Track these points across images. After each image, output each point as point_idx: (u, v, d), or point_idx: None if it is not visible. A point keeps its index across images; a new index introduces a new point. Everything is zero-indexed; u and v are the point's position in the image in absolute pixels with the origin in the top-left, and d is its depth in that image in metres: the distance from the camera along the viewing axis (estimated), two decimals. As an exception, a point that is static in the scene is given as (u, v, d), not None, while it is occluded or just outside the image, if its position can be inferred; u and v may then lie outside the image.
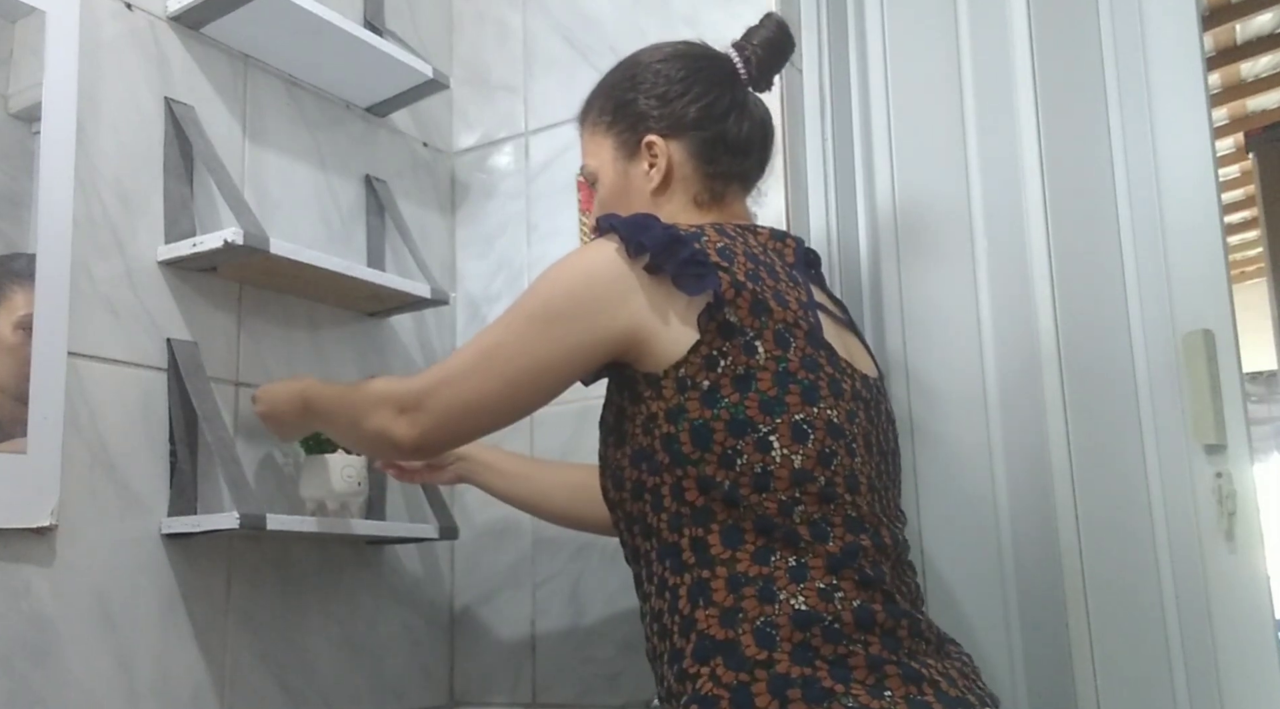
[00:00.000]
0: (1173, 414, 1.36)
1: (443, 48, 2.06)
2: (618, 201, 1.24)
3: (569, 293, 1.11)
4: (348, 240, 1.81)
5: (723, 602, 1.00)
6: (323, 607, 1.66)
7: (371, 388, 1.23)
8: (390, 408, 1.16)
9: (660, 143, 1.21)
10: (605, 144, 1.26)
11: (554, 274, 1.13)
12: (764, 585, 0.99)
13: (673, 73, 1.22)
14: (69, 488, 1.34)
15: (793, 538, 1.02)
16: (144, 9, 1.54)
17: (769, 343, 1.07)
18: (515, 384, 1.12)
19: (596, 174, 1.27)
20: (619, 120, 1.24)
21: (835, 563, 1.01)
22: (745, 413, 1.04)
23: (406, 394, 1.16)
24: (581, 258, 1.14)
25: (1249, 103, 4.24)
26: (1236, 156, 4.48)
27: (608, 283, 1.09)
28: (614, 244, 1.10)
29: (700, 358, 1.05)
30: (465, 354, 1.16)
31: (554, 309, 1.11)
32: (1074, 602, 1.38)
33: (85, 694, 1.33)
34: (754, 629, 0.97)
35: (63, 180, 1.37)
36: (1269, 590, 1.29)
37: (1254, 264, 5.59)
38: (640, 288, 1.08)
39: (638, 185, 1.23)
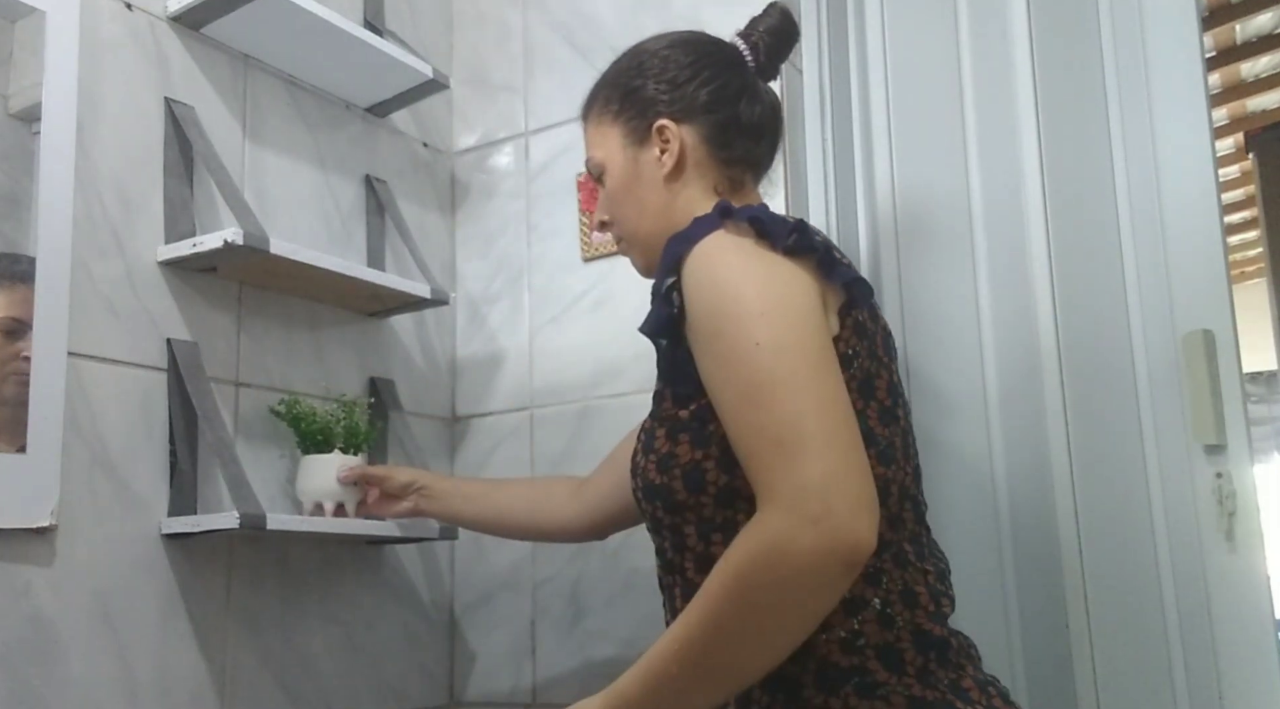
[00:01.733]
0: (1173, 414, 1.36)
1: (443, 48, 2.06)
2: (627, 192, 1.18)
3: (760, 291, 0.96)
4: (348, 240, 1.81)
5: (840, 626, 0.95)
6: (323, 607, 1.66)
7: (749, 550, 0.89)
8: (799, 531, 0.86)
9: (672, 126, 1.15)
10: (612, 133, 1.20)
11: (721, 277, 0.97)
12: (881, 609, 0.96)
13: (681, 57, 1.19)
14: (69, 488, 1.34)
15: (901, 558, 0.99)
16: (144, 9, 1.54)
17: (880, 348, 1.03)
18: (822, 384, 0.92)
19: (604, 165, 1.21)
20: (627, 107, 1.19)
21: (934, 584, 1.01)
22: (868, 423, 0.99)
23: (799, 503, 0.86)
24: (727, 251, 0.99)
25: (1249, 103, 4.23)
26: (1236, 156, 4.48)
27: (772, 261, 0.98)
28: (743, 232, 1.00)
29: (839, 353, 0.97)
30: (760, 410, 0.91)
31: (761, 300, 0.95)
32: (1074, 602, 1.38)
33: (85, 694, 1.33)
34: (878, 655, 0.95)
35: (63, 180, 1.37)
36: (1269, 590, 1.29)
37: (1254, 264, 5.60)
38: (793, 268, 0.98)
39: (649, 173, 1.17)
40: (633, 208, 1.18)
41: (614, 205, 1.20)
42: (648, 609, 1.68)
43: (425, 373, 1.92)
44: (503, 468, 1.87)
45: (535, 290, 1.91)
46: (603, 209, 1.23)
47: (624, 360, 1.78)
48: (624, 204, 1.18)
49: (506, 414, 1.89)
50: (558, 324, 1.86)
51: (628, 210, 1.19)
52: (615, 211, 1.21)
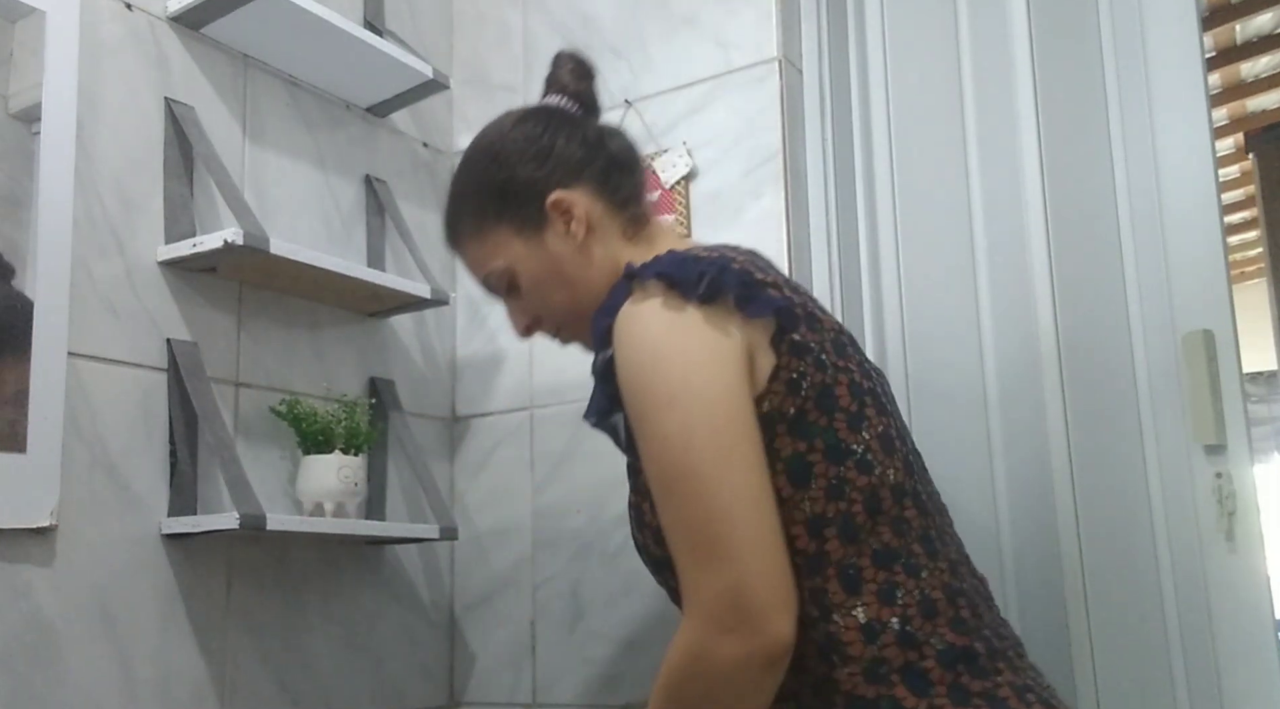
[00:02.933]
0: (1173, 414, 1.36)
1: (443, 48, 2.06)
2: (550, 280, 1.12)
3: (666, 356, 0.95)
4: (348, 240, 1.81)
5: (861, 655, 0.92)
6: (323, 607, 1.66)
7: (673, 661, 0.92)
8: (715, 641, 0.88)
9: (566, 195, 1.11)
10: (503, 237, 1.13)
11: (636, 361, 0.96)
12: (901, 628, 0.92)
13: (530, 131, 1.14)
14: (69, 488, 1.34)
15: (912, 565, 0.96)
16: (144, 9, 1.54)
17: (831, 354, 1.00)
18: (732, 476, 0.91)
19: (510, 271, 1.13)
20: (509, 202, 1.12)
21: (951, 583, 0.97)
22: (837, 436, 0.96)
23: (713, 612, 0.88)
24: (643, 325, 0.98)
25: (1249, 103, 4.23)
26: (1236, 156, 4.48)
27: (689, 321, 0.96)
28: (656, 292, 0.98)
29: (782, 383, 0.96)
30: (676, 509, 0.92)
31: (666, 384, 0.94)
32: (1074, 602, 1.38)
33: (85, 694, 1.33)
34: (904, 679, 0.91)
35: (63, 180, 1.37)
36: (1269, 590, 1.29)
37: (1254, 264, 5.59)
38: (712, 316, 0.96)
39: (562, 252, 1.11)
40: (562, 292, 1.12)
41: (539, 300, 1.14)
42: (648, 609, 1.68)
43: (425, 373, 1.92)
44: (503, 468, 1.87)
45: (535, 290, 1.90)
46: (525, 312, 1.17)
47: (624, 360, 1.78)
48: (551, 293, 1.13)
49: (506, 414, 1.89)
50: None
51: (558, 297, 1.13)
52: (543, 306, 1.15)
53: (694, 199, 1.75)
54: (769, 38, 1.70)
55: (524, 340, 1.20)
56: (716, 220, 1.72)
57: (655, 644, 1.66)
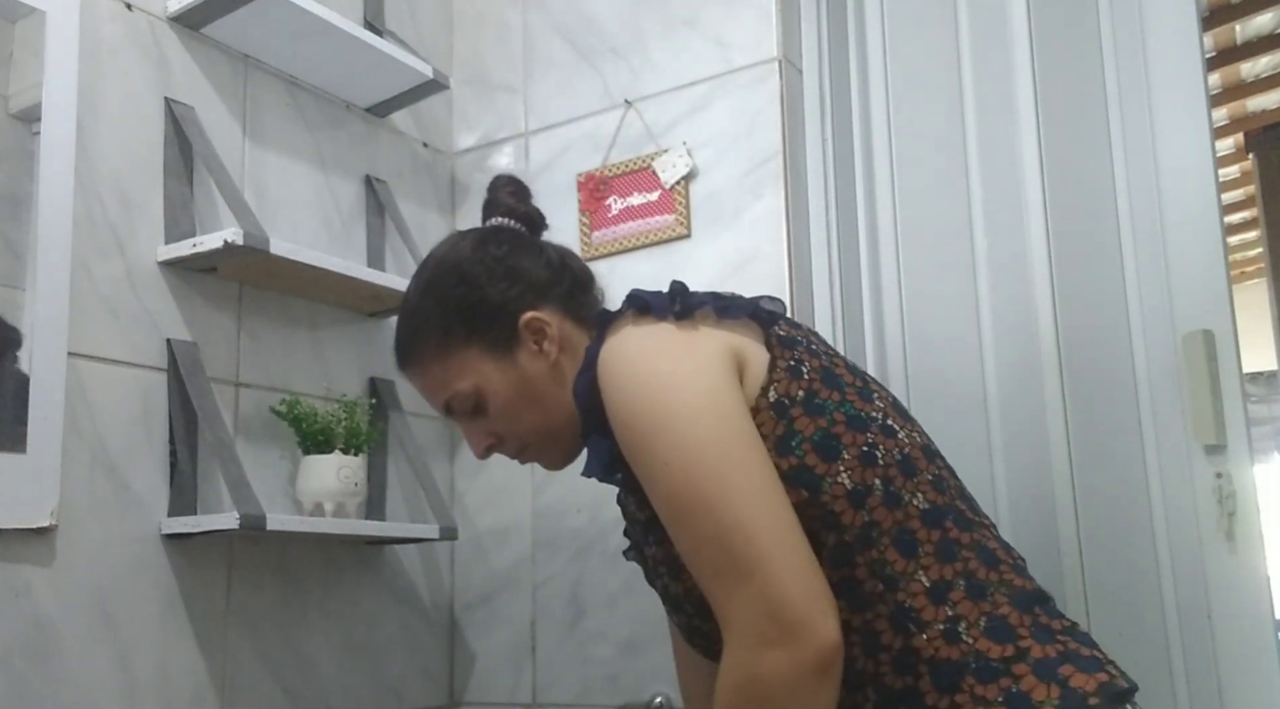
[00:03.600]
0: (1173, 414, 1.36)
1: (443, 48, 2.06)
2: (522, 400, 1.10)
3: (657, 373, 0.95)
4: (348, 240, 1.81)
5: (936, 618, 0.91)
6: (323, 607, 1.66)
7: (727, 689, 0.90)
8: (762, 659, 0.87)
9: (538, 314, 1.10)
10: (471, 357, 1.10)
11: (630, 388, 0.96)
12: (968, 581, 0.92)
13: (494, 252, 1.13)
14: (69, 488, 1.34)
15: (961, 518, 0.96)
16: (144, 9, 1.54)
17: (817, 343, 1.03)
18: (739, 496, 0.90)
19: (479, 392, 1.10)
20: (478, 324, 1.10)
21: (999, 537, 0.99)
22: (854, 407, 0.97)
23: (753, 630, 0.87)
24: (627, 352, 0.98)
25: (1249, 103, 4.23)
26: (1236, 156, 4.48)
27: (674, 339, 0.97)
28: (635, 320, 0.99)
29: (784, 371, 0.97)
30: (692, 538, 0.91)
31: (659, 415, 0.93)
32: (1074, 602, 1.38)
33: (85, 694, 1.33)
34: (985, 631, 0.90)
35: (63, 180, 1.37)
36: (1269, 590, 1.29)
37: (1254, 264, 5.59)
38: (697, 328, 0.98)
39: (535, 371, 1.10)
40: (535, 412, 1.11)
41: (508, 420, 1.11)
42: (648, 609, 1.68)
43: (425, 373, 1.91)
44: (503, 468, 1.87)
45: (535, 290, 1.90)
46: (488, 433, 1.13)
47: (624, 360, 1.78)
48: (523, 413, 1.11)
49: (506, 414, 1.89)
50: (558, 324, 1.86)
51: (529, 417, 1.11)
52: (511, 425, 1.12)
53: (694, 199, 1.75)
54: (769, 38, 1.70)
55: (483, 457, 1.16)
56: (716, 220, 1.72)
57: (655, 644, 1.66)
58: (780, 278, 1.64)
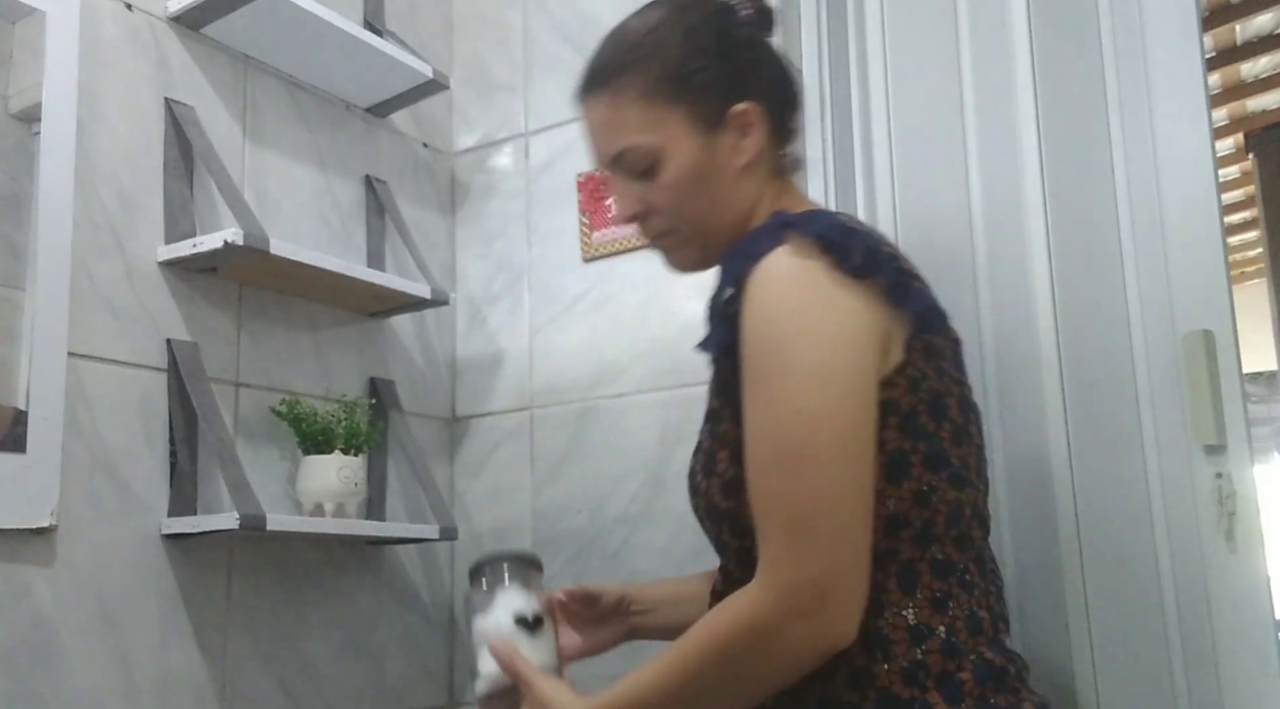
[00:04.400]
0: (1173, 414, 1.36)
1: (443, 48, 2.06)
2: (697, 184, 1.03)
3: (808, 305, 0.91)
4: (348, 241, 1.81)
5: (903, 656, 0.91)
6: (323, 607, 1.66)
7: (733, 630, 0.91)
8: (788, 623, 0.87)
9: (754, 108, 1.03)
10: (671, 118, 1.02)
11: (772, 305, 0.92)
12: (946, 639, 0.92)
13: (737, 34, 1.05)
14: (69, 488, 1.34)
15: (967, 581, 0.96)
16: (144, 9, 1.54)
17: (950, 364, 0.99)
18: (853, 459, 0.89)
19: (660, 156, 1.03)
20: (691, 89, 1.02)
21: (994, 606, 0.98)
22: (941, 445, 0.95)
23: (794, 594, 0.87)
24: (787, 274, 0.93)
25: (1249, 103, 4.23)
26: (1236, 156, 4.48)
27: (835, 287, 0.92)
28: (808, 250, 0.93)
29: (905, 379, 0.94)
30: (786, 483, 0.89)
31: (811, 339, 0.91)
32: (1074, 601, 1.38)
33: (85, 694, 1.33)
34: (939, 686, 0.91)
35: (63, 180, 1.37)
36: (1269, 590, 1.29)
37: (1254, 264, 5.59)
38: (859, 292, 0.93)
39: (723, 162, 1.03)
40: (703, 201, 1.04)
41: (674, 196, 1.04)
42: (648, 609, 1.68)
43: (425, 373, 1.92)
44: (503, 468, 1.87)
45: (535, 290, 1.90)
46: (641, 201, 1.06)
47: (624, 360, 1.78)
48: (691, 196, 1.04)
49: (506, 414, 1.89)
50: (558, 324, 1.86)
51: (696, 204, 1.04)
52: (674, 203, 1.05)
53: (694, 199, 1.74)
54: (769, 38, 1.70)
55: (625, 224, 1.10)
56: (716, 220, 1.72)
57: (655, 644, 1.65)
58: (780, 278, 1.63)
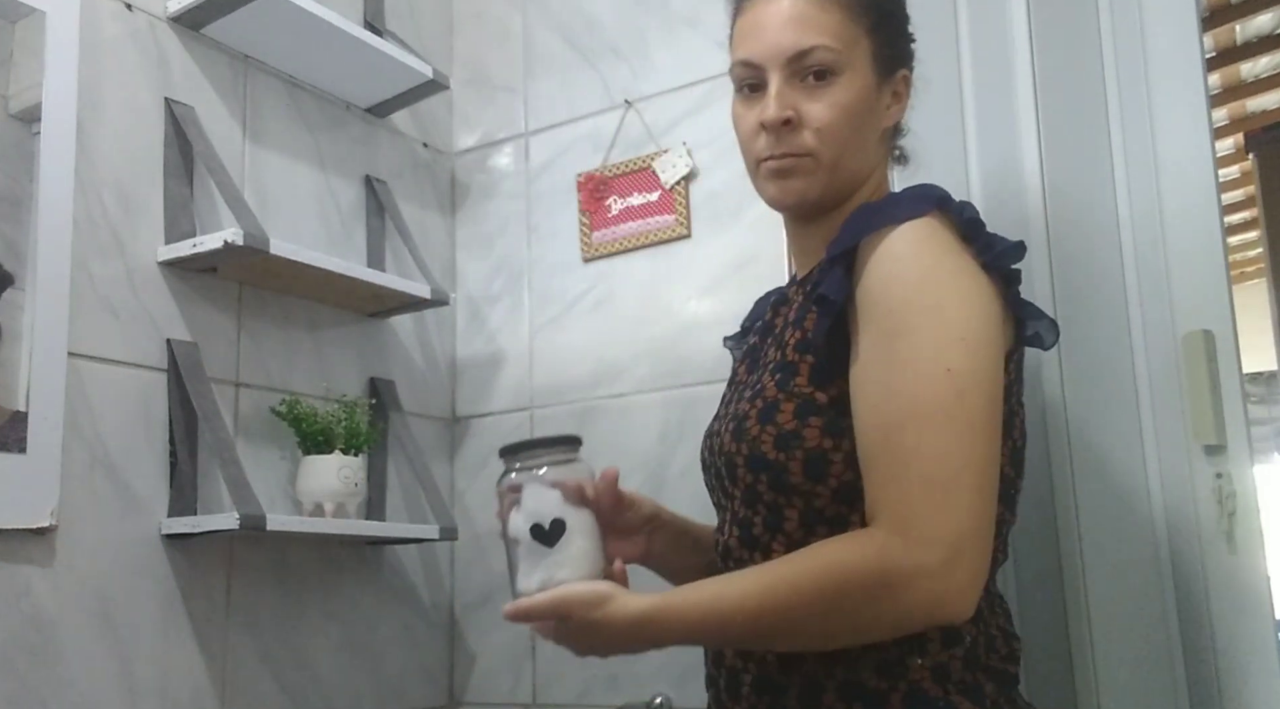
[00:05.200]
0: (1173, 414, 1.36)
1: (443, 48, 2.06)
2: (859, 116, 1.02)
3: (953, 271, 0.92)
4: (348, 241, 1.81)
5: (936, 655, 0.92)
6: (323, 607, 1.66)
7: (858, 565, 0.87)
8: (917, 575, 0.85)
9: (908, 83, 1.08)
10: (863, 42, 1.02)
11: (915, 266, 0.92)
12: (971, 647, 0.94)
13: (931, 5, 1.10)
14: (69, 488, 1.34)
15: (991, 599, 0.99)
16: (144, 10, 1.54)
17: (1020, 386, 1.01)
18: (995, 429, 0.90)
19: (845, 67, 1.01)
20: (886, 26, 1.04)
21: (1006, 626, 1.00)
22: (1002, 463, 0.94)
23: (930, 548, 0.85)
24: (933, 240, 0.94)
25: (1249, 103, 4.23)
26: (1236, 156, 4.48)
27: (973, 269, 0.94)
28: (949, 229, 0.95)
29: None
30: (931, 438, 0.87)
31: (957, 300, 0.91)
32: (1074, 601, 1.38)
33: (85, 694, 1.33)
34: (961, 691, 0.93)
35: (63, 180, 1.37)
36: (1269, 590, 1.29)
37: (1254, 264, 5.59)
38: (986, 285, 0.95)
39: (879, 114, 1.05)
40: (855, 136, 1.03)
41: (837, 117, 1.01)
42: (648, 609, 1.68)
43: (425, 373, 1.92)
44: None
45: (535, 290, 1.90)
46: (794, 106, 1.01)
47: (624, 360, 1.78)
48: (849, 125, 1.02)
49: (506, 414, 1.89)
50: (558, 324, 1.86)
51: (849, 134, 1.02)
52: (833, 125, 1.01)
53: (694, 199, 1.75)
54: (769, 38, 1.70)
55: (772, 125, 1.02)
56: (716, 220, 1.72)
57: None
58: (780, 279, 1.63)
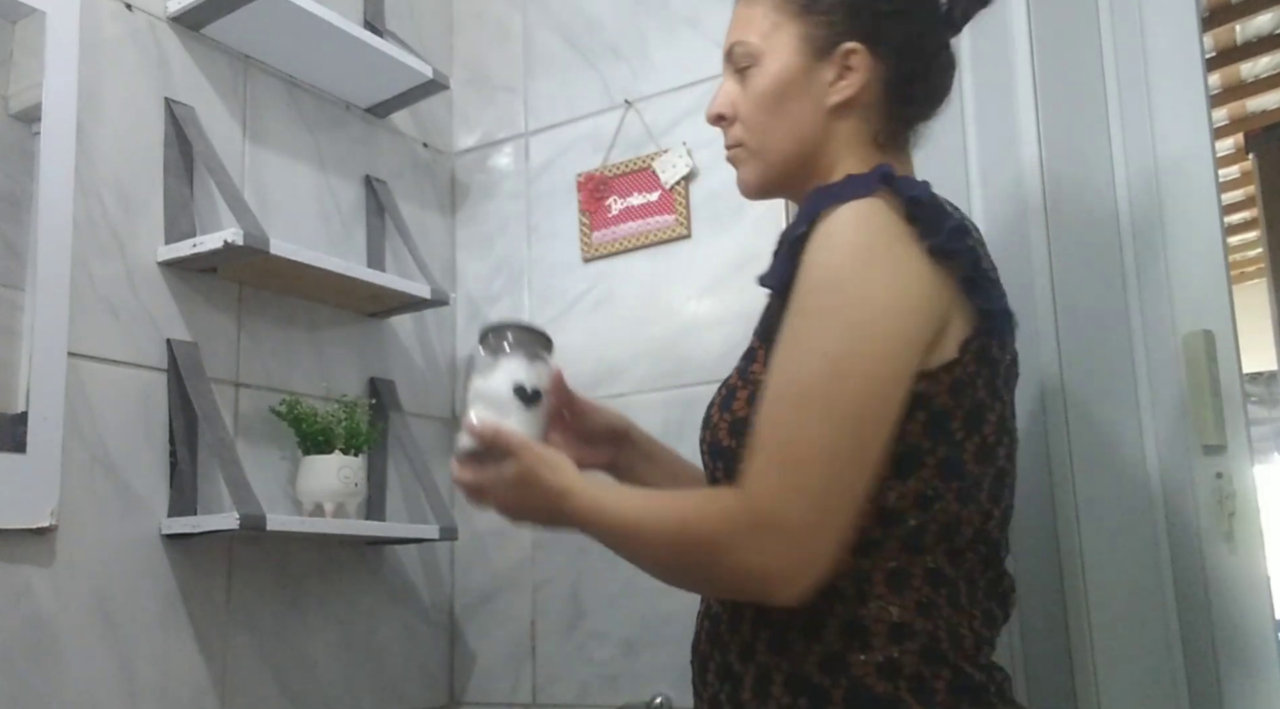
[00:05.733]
0: (1173, 414, 1.36)
1: (443, 48, 2.06)
2: (780, 102, 1.01)
3: (874, 259, 0.89)
4: (348, 241, 1.81)
5: (881, 650, 0.90)
6: (323, 607, 1.66)
7: (699, 507, 0.91)
8: (747, 545, 0.87)
9: (864, 55, 1.00)
10: (787, 27, 1.01)
11: (840, 249, 0.90)
12: (927, 643, 0.90)
13: None
14: (69, 488, 1.34)
15: (955, 597, 0.93)
16: (144, 10, 1.54)
17: (1002, 380, 0.96)
18: (868, 419, 0.87)
19: (757, 56, 1.02)
20: (814, 8, 1.01)
21: (980, 629, 0.95)
22: (961, 456, 0.92)
23: (758, 525, 0.86)
24: (865, 224, 0.91)
25: (1249, 103, 4.23)
26: (1236, 156, 4.48)
27: (910, 256, 0.90)
28: (895, 211, 0.91)
29: (950, 378, 0.91)
30: (795, 413, 0.88)
31: (866, 291, 0.89)
32: (1074, 602, 1.38)
33: (85, 694, 1.33)
34: (912, 688, 0.89)
35: (63, 180, 1.37)
36: (1269, 590, 1.29)
37: (1254, 264, 5.59)
38: (931, 273, 0.91)
39: (815, 93, 1.00)
40: (780, 122, 1.02)
41: (754, 108, 1.03)
42: (648, 610, 1.68)
43: (425, 373, 1.92)
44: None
45: (535, 290, 1.90)
46: (728, 103, 1.05)
47: (624, 360, 1.78)
48: (770, 113, 1.02)
49: (506, 414, 1.89)
50: (558, 324, 1.86)
51: (771, 121, 1.03)
52: (752, 115, 1.03)
53: (694, 199, 1.75)
54: (769, 38, 1.70)
55: (711, 122, 1.07)
56: (716, 220, 1.72)
57: (655, 644, 1.66)
58: (780, 278, 1.63)
